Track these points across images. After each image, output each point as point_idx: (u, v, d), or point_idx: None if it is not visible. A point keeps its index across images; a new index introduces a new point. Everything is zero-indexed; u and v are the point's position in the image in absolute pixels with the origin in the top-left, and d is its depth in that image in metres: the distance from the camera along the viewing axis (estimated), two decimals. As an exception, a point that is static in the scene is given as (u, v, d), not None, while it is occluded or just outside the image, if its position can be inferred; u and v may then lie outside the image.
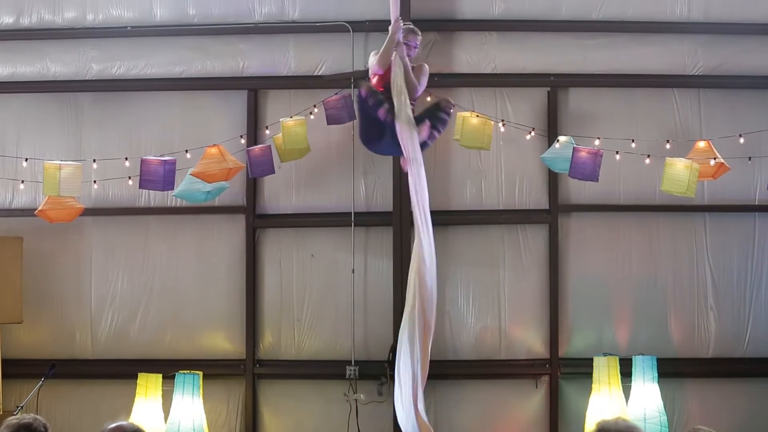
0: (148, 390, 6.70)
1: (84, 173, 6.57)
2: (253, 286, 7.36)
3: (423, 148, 6.09)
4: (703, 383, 7.23)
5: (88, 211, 7.03)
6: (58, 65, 7.54)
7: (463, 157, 7.34)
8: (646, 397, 6.66)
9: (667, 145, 6.87)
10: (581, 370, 7.01)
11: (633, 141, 6.84)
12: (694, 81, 7.35)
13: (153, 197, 7.43)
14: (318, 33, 7.38)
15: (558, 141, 6.63)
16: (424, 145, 6.10)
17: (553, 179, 7.28)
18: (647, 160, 6.73)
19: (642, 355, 6.78)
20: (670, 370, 6.92)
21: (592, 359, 6.80)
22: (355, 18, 7.31)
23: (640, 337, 7.22)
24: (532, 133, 7.06)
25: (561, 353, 7.23)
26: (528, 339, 7.31)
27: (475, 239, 7.37)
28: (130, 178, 6.83)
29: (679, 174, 6.34)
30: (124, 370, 7.11)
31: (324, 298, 7.38)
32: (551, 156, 6.65)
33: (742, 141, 6.79)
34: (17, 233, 7.14)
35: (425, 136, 6.05)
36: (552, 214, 7.29)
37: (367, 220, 7.35)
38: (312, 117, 7.03)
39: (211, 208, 7.32)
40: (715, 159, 6.43)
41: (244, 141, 7.17)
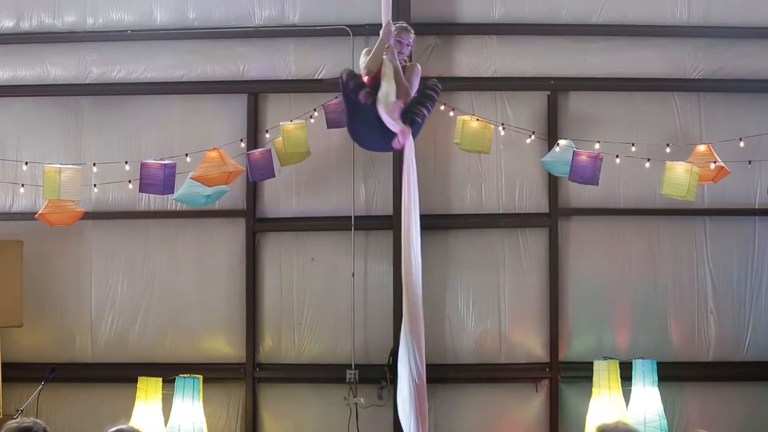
0: (148, 394, 6.69)
1: (84, 177, 6.59)
2: (253, 290, 7.36)
3: (415, 132, 5.85)
4: (703, 387, 7.23)
5: (88, 215, 7.02)
6: (58, 69, 7.54)
7: (463, 161, 7.34)
8: (646, 401, 6.65)
9: (667, 149, 6.89)
10: (581, 373, 7.00)
11: (633, 145, 6.85)
12: (694, 84, 7.35)
13: (153, 201, 7.43)
14: (318, 37, 7.38)
15: (558, 144, 6.63)
16: (414, 124, 5.78)
17: (553, 183, 7.28)
18: (647, 164, 6.74)
19: (642, 358, 6.78)
20: (670, 374, 6.90)
21: (592, 363, 6.80)
22: (355, 22, 7.30)
23: (640, 340, 7.22)
24: (532, 137, 7.07)
25: (561, 357, 7.24)
26: (528, 342, 7.31)
27: (475, 243, 7.37)
28: (130, 181, 6.83)
29: (679, 178, 6.34)
30: (124, 374, 7.10)
31: (324, 302, 7.38)
32: (551, 159, 6.65)
33: (742, 145, 6.79)
34: (17, 237, 7.13)
35: (401, 106, 5.70)
36: (552, 218, 7.29)
37: (367, 224, 7.34)
38: (312, 120, 7.02)
39: (211, 212, 7.32)
40: (715, 163, 6.44)
41: (244, 145, 7.17)
